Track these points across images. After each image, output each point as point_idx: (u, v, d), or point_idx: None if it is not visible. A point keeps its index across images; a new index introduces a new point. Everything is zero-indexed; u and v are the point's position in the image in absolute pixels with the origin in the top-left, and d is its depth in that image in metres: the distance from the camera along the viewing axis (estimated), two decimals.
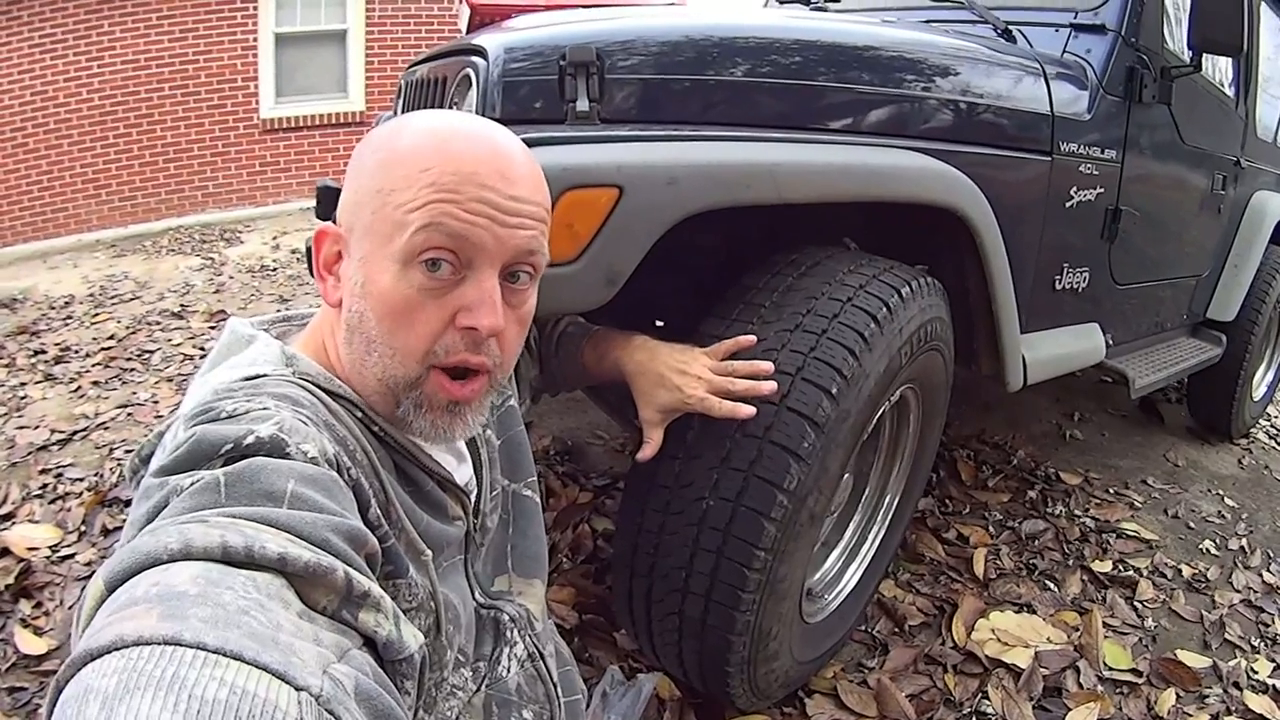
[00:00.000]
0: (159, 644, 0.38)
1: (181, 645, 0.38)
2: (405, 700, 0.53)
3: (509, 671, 0.87)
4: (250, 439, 0.55)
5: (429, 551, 0.70)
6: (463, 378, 0.70)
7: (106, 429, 2.84)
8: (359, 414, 0.69)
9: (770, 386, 1.16)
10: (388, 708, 0.45)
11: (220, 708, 0.36)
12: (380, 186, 0.67)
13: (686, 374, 1.14)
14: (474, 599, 0.84)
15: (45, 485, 2.41)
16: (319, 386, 0.68)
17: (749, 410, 1.13)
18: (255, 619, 0.42)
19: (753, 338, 1.23)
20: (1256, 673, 1.87)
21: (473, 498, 0.84)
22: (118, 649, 0.38)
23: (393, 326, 0.67)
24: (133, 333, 4.03)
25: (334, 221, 0.72)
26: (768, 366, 1.19)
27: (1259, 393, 3.47)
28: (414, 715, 0.57)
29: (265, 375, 0.66)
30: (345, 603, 0.49)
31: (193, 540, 0.45)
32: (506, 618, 0.88)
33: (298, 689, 0.39)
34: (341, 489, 0.58)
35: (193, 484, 0.52)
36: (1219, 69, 2.56)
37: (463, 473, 0.83)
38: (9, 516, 2.23)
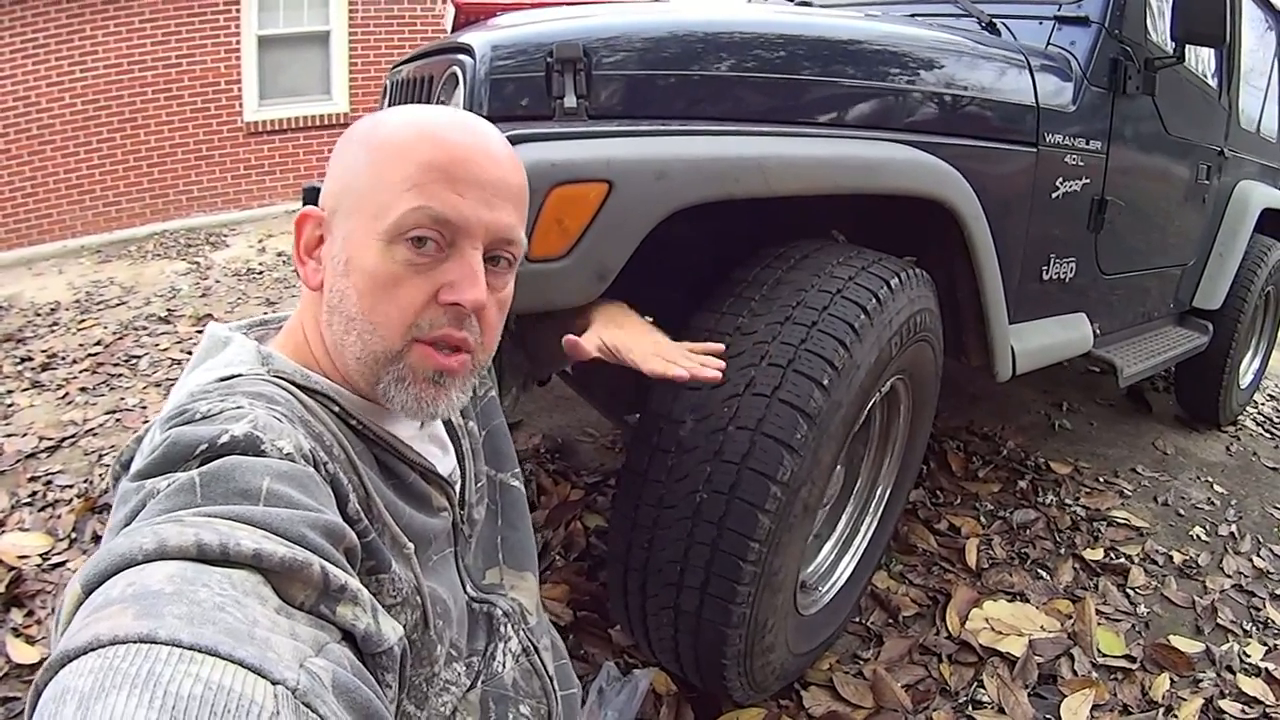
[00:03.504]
0: (134, 642, 0.38)
1: (156, 643, 0.38)
2: (387, 693, 0.53)
3: (504, 666, 0.86)
4: (225, 438, 0.55)
5: (411, 545, 0.70)
6: (448, 350, 0.70)
7: (95, 435, 2.82)
8: (336, 408, 0.70)
9: (712, 374, 1.09)
10: (366, 700, 0.45)
11: (196, 703, 0.36)
12: (366, 168, 0.68)
13: (645, 336, 1.12)
14: (465, 592, 0.84)
15: (34, 493, 2.40)
16: (294, 383, 0.68)
17: (680, 373, 1.05)
18: (231, 615, 0.42)
19: (722, 346, 1.19)
20: (1249, 656, 1.88)
21: (457, 489, 0.84)
22: (94, 649, 0.38)
23: (374, 302, 0.67)
24: (119, 338, 4.00)
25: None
26: (719, 348, 1.16)
27: (1245, 380, 3.50)
28: (397, 708, 0.57)
29: (240, 375, 0.67)
30: (323, 597, 0.49)
31: (167, 540, 0.45)
32: (500, 612, 0.88)
33: (274, 683, 0.39)
34: (318, 484, 0.58)
35: (169, 486, 0.52)
36: (1202, 60, 2.58)
37: (446, 463, 0.83)
38: None
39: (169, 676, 0.37)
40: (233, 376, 0.66)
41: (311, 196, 1.82)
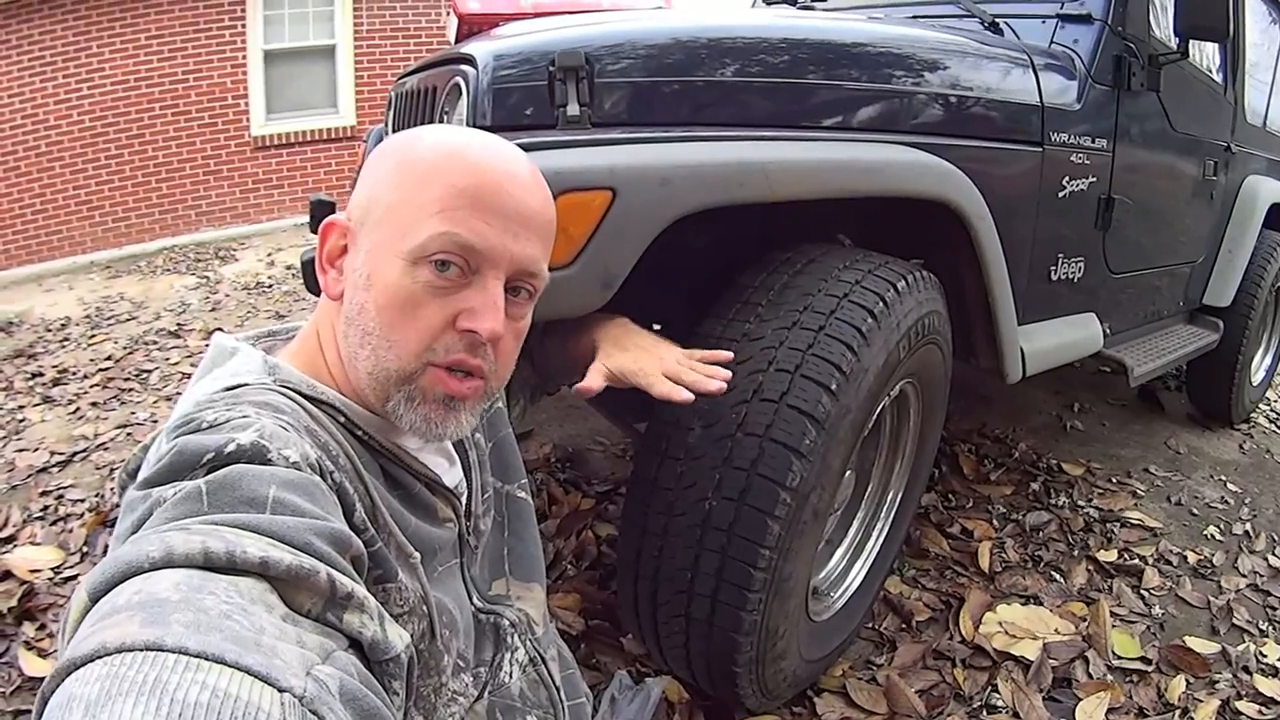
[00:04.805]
0: (141, 650, 0.38)
1: (163, 650, 0.38)
2: (394, 701, 0.53)
3: (511, 677, 0.86)
4: (231, 447, 0.55)
5: (417, 555, 0.70)
6: (460, 376, 0.70)
7: (106, 449, 2.83)
8: (342, 419, 0.70)
9: (717, 387, 1.05)
10: (373, 708, 0.45)
11: (203, 711, 0.36)
12: (399, 185, 0.69)
13: (650, 353, 1.10)
14: (472, 603, 0.84)
15: (46, 507, 2.41)
16: (300, 393, 0.68)
17: (685, 396, 1.03)
18: (237, 623, 0.42)
19: (730, 354, 1.14)
20: (1265, 656, 1.86)
21: (463, 500, 0.84)
22: (100, 657, 0.38)
23: (393, 319, 0.67)
24: (130, 353, 4.02)
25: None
26: (727, 356, 1.12)
27: (1258, 377, 3.48)
28: (404, 717, 0.57)
29: (246, 384, 0.67)
30: (329, 605, 0.49)
31: (174, 547, 0.45)
32: (506, 623, 0.88)
33: (280, 690, 0.39)
34: (324, 493, 0.58)
35: (175, 494, 0.52)
36: (1206, 55, 2.57)
37: (452, 475, 0.83)
38: (10, 539, 2.22)
39: (176, 684, 0.37)
40: (239, 386, 0.66)
41: (319, 209, 1.83)
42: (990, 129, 1.67)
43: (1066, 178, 1.88)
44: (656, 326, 1.65)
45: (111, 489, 2.50)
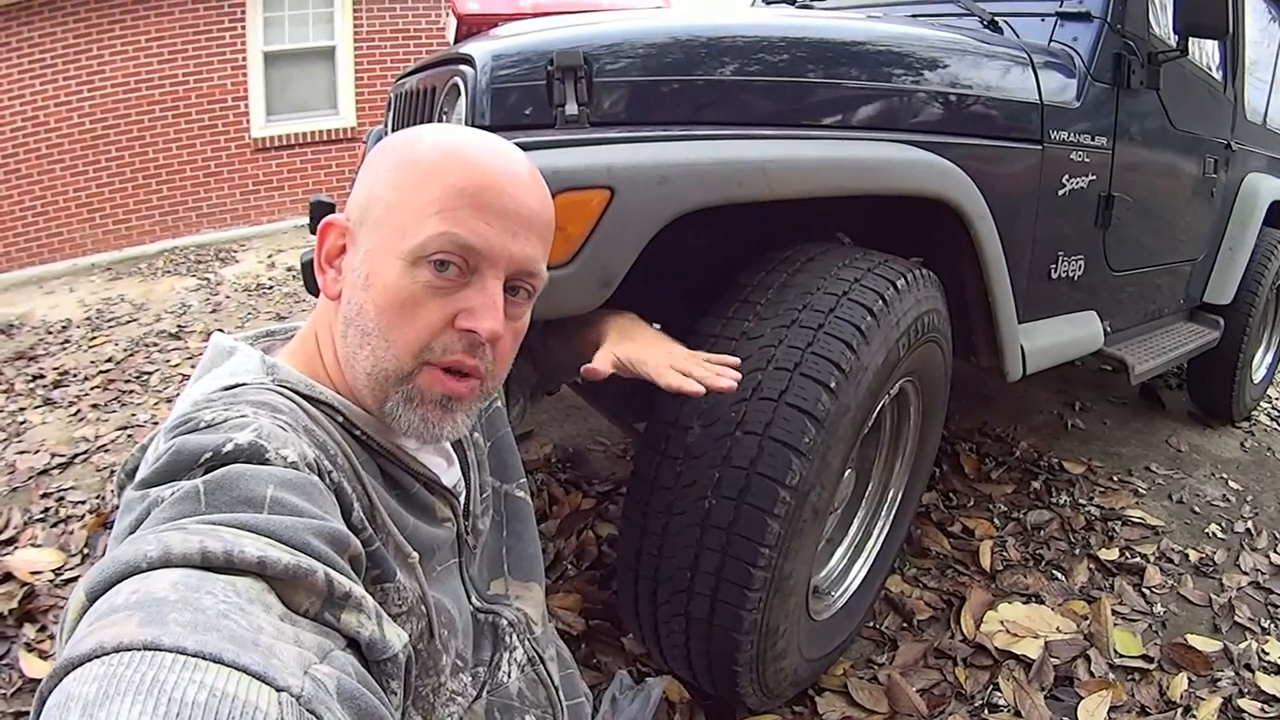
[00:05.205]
0: (139, 649, 0.38)
1: (161, 650, 0.38)
2: (392, 700, 0.53)
3: (509, 676, 0.86)
4: (229, 446, 0.55)
5: (415, 554, 0.70)
6: (458, 375, 0.70)
7: (107, 451, 2.84)
8: (340, 419, 0.70)
9: (728, 385, 1.04)
10: (371, 707, 0.45)
11: (200, 710, 0.36)
12: (398, 184, 0.68)
13: (658, 346, 1.10)
14: (470, 603, 0.84)
15: (47, 509, 2.41)
16: (298, 393, 0.68)
17: (696, 388, 1.02)
18: (235, 622, 0.42)
19: (738, 360, 1.12)
20: (1268, 654, 1.86)
21: (461, 500, 0.84)
22: (98, 656, 0.38)
23: (392, 319, 0.67)
24: (131, 355, 4.03)
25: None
26: (735, 362, 1.10)
27: (1259, 375, 3.47)
28: (402, 716, 0.57)
29: (244, 384, 0.67)
30: (327, 604, 0.49)
31: (172, 547, 0.45)
32: (505, 622, 0.88)
33: (278, 690, 0.39)
34: (322, 493, 0.58)
35: (173, 494, 0.52)
36: (1206, 53, 2.57)
37: (450, 475, 0.83)
38: (11, 541, 2.22)
39: (173, 683, 0.37)
40: (237, 385, 0.66)
41: (319, 210, 1.83)
42: (990, 127, 1.67)
43: (1066, 176, 1.88)
44: (656, 326, 1.66)
45: (112, 491, 2.50)
